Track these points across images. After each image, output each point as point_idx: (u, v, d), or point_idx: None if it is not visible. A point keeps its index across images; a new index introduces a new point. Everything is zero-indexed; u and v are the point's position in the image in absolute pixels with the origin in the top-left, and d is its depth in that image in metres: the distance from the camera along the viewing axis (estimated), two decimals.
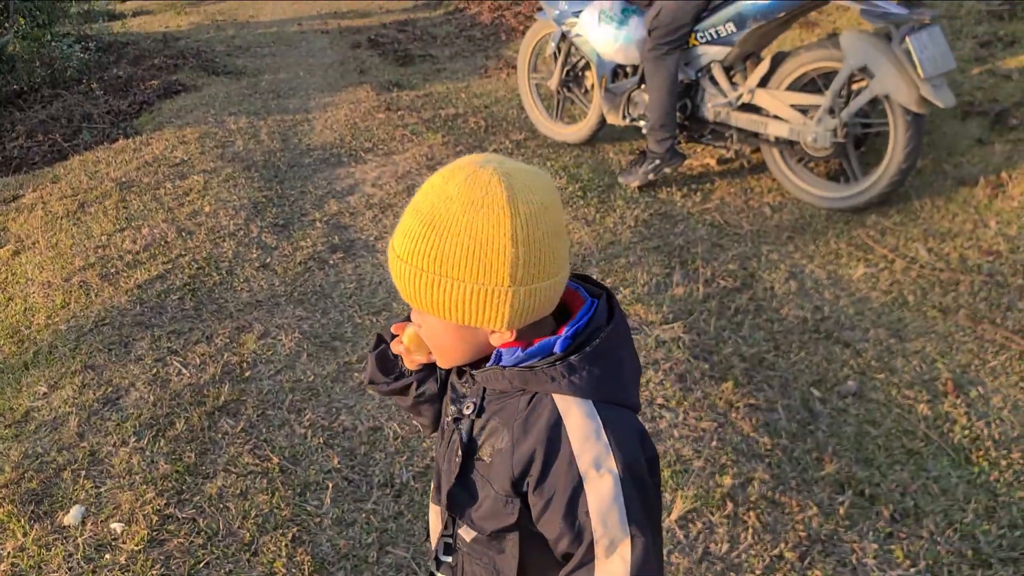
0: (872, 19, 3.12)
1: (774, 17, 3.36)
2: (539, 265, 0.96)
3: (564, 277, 1.02)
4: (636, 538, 0.99)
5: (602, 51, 3.91)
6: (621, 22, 3.79)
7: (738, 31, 3.46)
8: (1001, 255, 3.07)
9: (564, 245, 1.01)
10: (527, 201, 0.94)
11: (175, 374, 2.76)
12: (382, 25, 8.03)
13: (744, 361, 2.67)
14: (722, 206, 3.67)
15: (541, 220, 0.95)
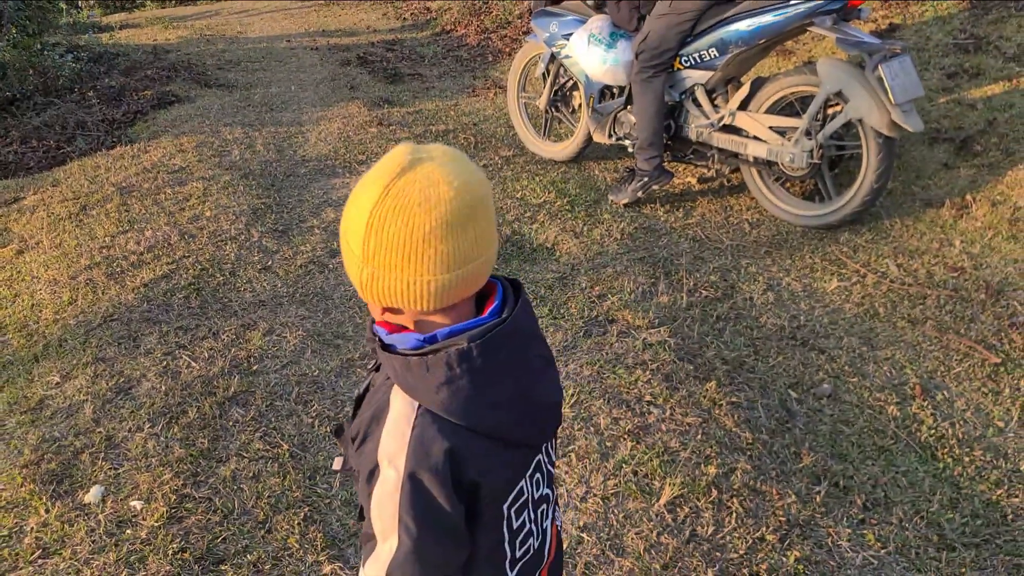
0: (847, 48, 3.33)
1: (755, 44, 3.56)
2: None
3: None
4: (402, 538, 1.01)
5: (590, 72, 4.09)
6: (609, 45, 3.98)
7: (720, 56, 3.66)
8: (965, 271, 3.27)
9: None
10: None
11: (185, 367, 2.87)
12: (370, 44, 8.21)
13: (726, 364, 2.84)
14: (703, 222, 3.86)
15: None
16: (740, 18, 3.52)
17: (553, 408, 1.14)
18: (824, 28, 3.33)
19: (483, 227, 1.02)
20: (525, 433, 1.11)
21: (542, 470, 1.18)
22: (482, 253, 1.03)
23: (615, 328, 3.04)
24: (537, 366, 1.11)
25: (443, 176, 0.99)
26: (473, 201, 1.00)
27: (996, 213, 3.51)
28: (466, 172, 1.02)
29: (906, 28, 5.09)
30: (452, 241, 0.99)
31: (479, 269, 1.04)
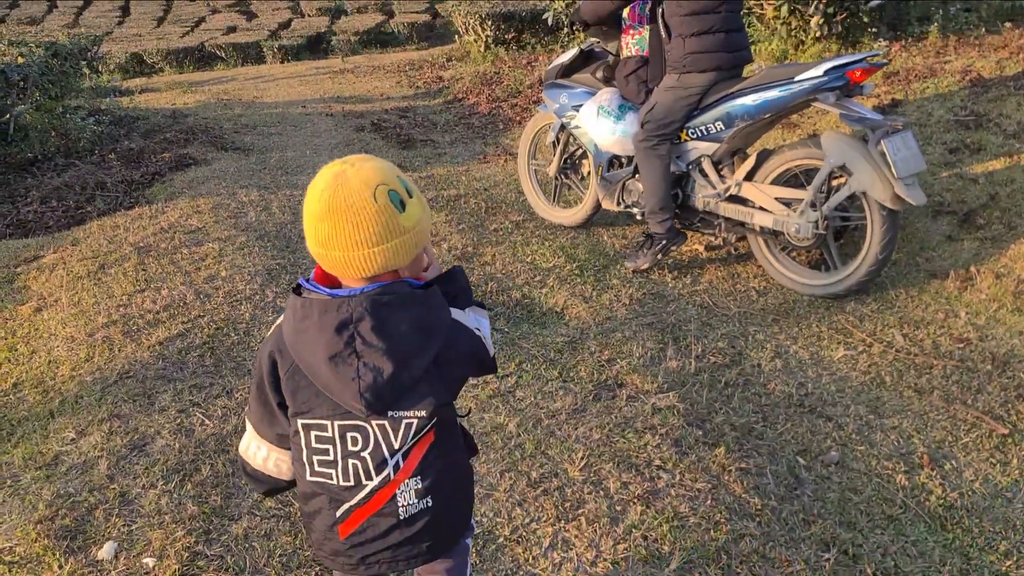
0: (851, 123, 3.43)
1: (760, 118, 3.67)
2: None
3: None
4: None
5: (599, 142, 4.21)
6: (618, 117, 4.11)
7: (726, 129, 3.77)
8: (971, 343, 3.31)
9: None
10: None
11: (199, 424, 2.91)
12: (384, 111, 8.42)
13: (735, 430, 2.87)
14: (711, 289, 3.92)
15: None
16: (746, 93, 3.64)
17: (350, 390, 1.40)
18: (828, 104, 3.44)
19: (343, 233, 1.36)
20: (326, 388, 1.43)
21: (363, 436, 1.46)
22: (335, 249, 1.37)
23: (624, 392, 3.07)
24: (356, 348, 1.39)
25: (324, 178, 1.38)
26: (334, 207, 1.35)
27: (1000, 286, 3.56)
28: (349, 189, 1.35)
29: (908, 104, 5.23)
30: (312, 222, 1.39)
31: (332, 258, 1.39)
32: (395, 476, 1.48)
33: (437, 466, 1.51)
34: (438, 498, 1.53)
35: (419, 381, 1.43)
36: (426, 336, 1.42)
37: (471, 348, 1.52)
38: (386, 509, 1.49)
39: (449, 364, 1.47)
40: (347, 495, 1.49)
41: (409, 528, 1.51)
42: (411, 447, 1.48)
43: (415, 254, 1.44)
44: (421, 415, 1.45)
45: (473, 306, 1.63)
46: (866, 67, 3.39)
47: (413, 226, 1.40)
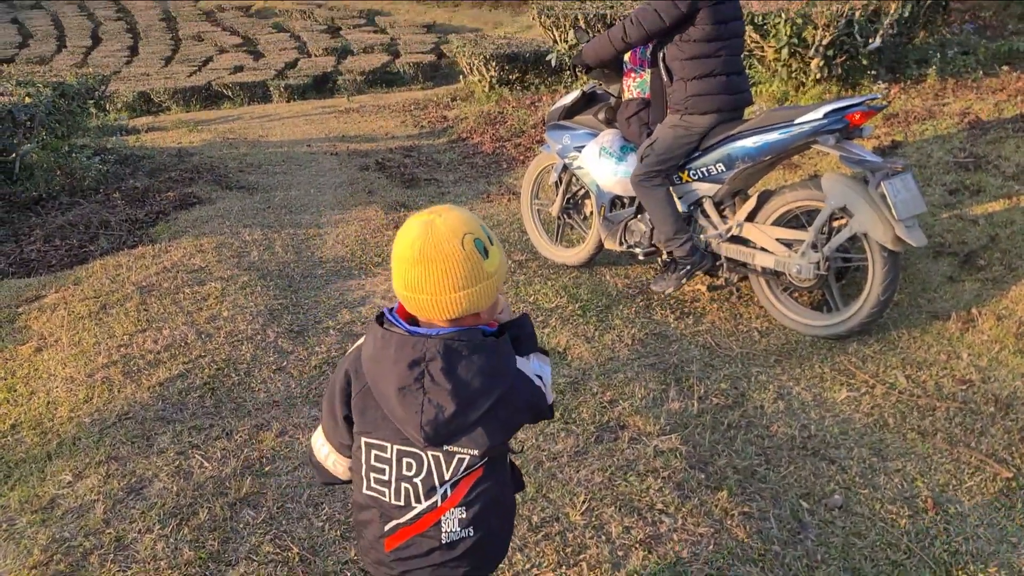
0: (851, 165, 3.45)
1: (760, 160, 3.69)
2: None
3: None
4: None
5: (602, 183, 4.24)
6: (620, 158, 4.14)
7: (727, 171, 3.79)
8: (974, 384, 3.29)
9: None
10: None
11: (197, 467, 2.89)
12: (388, 150, 8.48)
13: (737, 473, 2.84)
14: (713, 329, 3.91)
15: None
16: (746, 135, 3.66)
17: (412, 422, 1.53)
18: (828, 147, 3.46)
19: (432, 278, 1.49)
20: (392, 415, 1.56)
21: (418, 463, 1.59)
22: (424, 292, 1.51)
23: (626, 434, 3.05)
24: (424, 385, 1.51)
25: (415, 226, 1.52)
26: (427, 255, 1.49)
27: (1002, 327, 3.55)
28: (440, 239, 1.49)
29: (908, 145, 5.26)
30: (401, 267, 1.52)
31: (419, 301, 1.52)
32: (442, 504, 1.61)
33: (482, 499, 1.62)
34: (479, 528, 1.64)
35: (476, 423, 1.55)
36: (490, 383, 1.54)
37: (529, 398, 1.62)
38: (430, 532, 1.62)
39: (507, 410, 1.58)
40: (396, 513, 1.62)
41: (450, 552, 1.63)
42: (460, 479, 1.60)
43: (496, 296, 1.60)
44: (473, 453, 1.57)
45: (536, 352, 1.72)
46: (865, 110, 3.42)
47: (495, 272, 1.55)
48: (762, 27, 6.40)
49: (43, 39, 27.05)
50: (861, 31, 6.07)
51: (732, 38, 3.73)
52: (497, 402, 1.55)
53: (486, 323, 1.61)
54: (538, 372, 1.68)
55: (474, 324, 1.58)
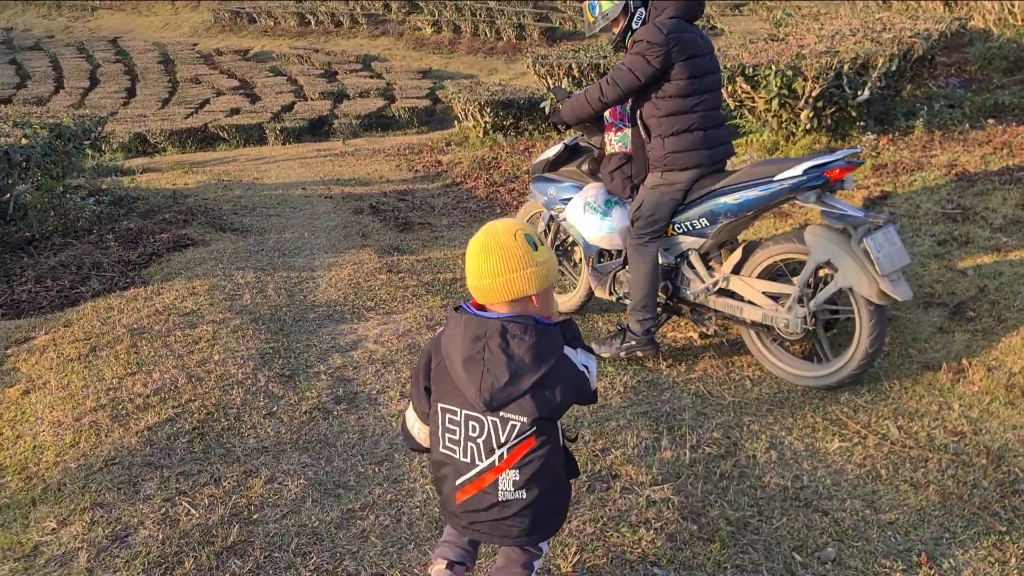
0: (832, 220, 3.47)
1: (743, 215, 3.72)
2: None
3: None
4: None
5: (587, 238, 4.22)
6: (604, 213, 4.12)
7: (711, 225, 3.81)
8: (966, 436, 3.29)
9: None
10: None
11: (184, 514, 2.85)
12: (383, 194, 8.54)
13: (730, 524, 2.82)
14: (705, 377, 3.91)
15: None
16: (728, 191, 3.69)
17: (473, 388, 1.90)
18: (809, 203, 3.50)
19: (492, 263, 1.90)
20: (459, 384, 1.94)
21: (480, 425, 1.95)
22: (486, 277, 1.92)
23: (618, 484, 3.03)
24: (484, 357, 1.88)
25: (480, 230, 1.96)
26: (487, 245, 1.92)
27: (992, 378, 3.56)
28: (498, 232, 1.93)
29: (897, 196, 5.33)
30: (471, 260, 1.95)
31: (484, 285, 1.93)
32: (499, 464, 1.96)
33: (533, 467, 1.96)
34: (531, 492, 1.97)
35: (525, 393, 1.89)
36: (538, 359, 1.89)
37: (572, 378, 1.95)
38: (489, 489, 1.98)
39: (552, 386, 1.91)
40: (465, 469, 1.99)
41: (505, 509, 1.99)
42: (514, 445, 1.94)
43: (545, 286, 1.95)
44: (523, 420, 1.91)
45: (583, 348, 2.04)
46: (844, 165, 3.44)
47: (544, 261, 1.93)
48: (753, 78, 6.51)
49: (41, 80, 27.29)
50: (850, 83, 6.19)
51: (709, 92, 3.75)
52: (544, 376, 1.89)
53: (541, 315, 1.96)
54: (585, 363, 2.00)
55: (527, 311, 1.94)
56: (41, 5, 40.52)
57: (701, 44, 3.73)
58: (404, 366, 4.00)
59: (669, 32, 3.62)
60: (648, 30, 3.64)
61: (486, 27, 27.94)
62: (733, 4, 23.01)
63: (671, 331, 4.39)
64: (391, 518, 2.86)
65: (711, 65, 3.76)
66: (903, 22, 7.40)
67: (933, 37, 6.90)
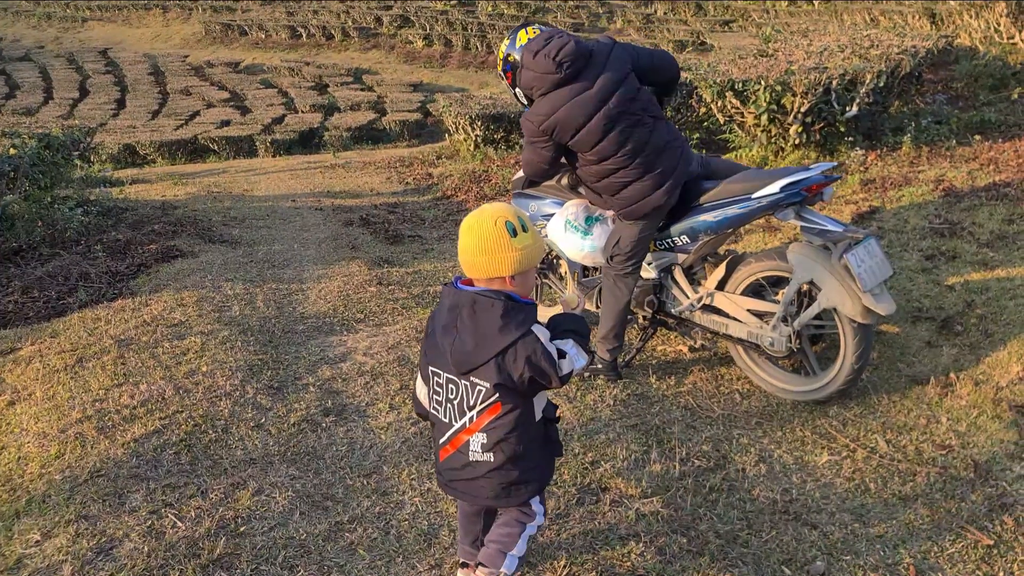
0: (811, 236, 3.47)
1: (723, 232, 3.72)
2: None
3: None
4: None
5: (570, 255, 4.15)
6: (585, 232, 4.02)
7: (692, 243, 3.80)
8: (953, 449, 3.30)
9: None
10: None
11: (170, 526, 2.82)
12: (373, 206, 8.53)
13: (719, 537, 2.82)
14: (695, 390, 3.91)
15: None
16: (707, 209, 3.67)
17: (447, 352, 2.13)
18: (787, 220, 3.51)
19: (472, 243, 2.10)
20: (439, 347, 2.18)
21: (456, 388, 2.17)
22: (467, 254, 2.12)
23: (608, 497, 3.02)
24: (456, 325, 2.11)
25: (477, 210, 2.15)
26: (470, 225, 2.12)
27: (980, 392, 3.58)
28: (483, 216, 2.11)
29: (885, 211, 5.36)
30: (460, 236, 2.15)
31: (464, 261, 2.14)
32: (469, 426, 2.17)
33: (499, 433, 2.15)
34: (497, 457, 2.17)
35: (488, 361, 2.07)
36: (503, 331, 2.06)
37: (533, 356, 2.06)
38: (463, 448, 2.20)
39: (513, 357, 2.07)
40: (445, 429, 2.22)
41: (474, 470, 2.20)
42: (482, 409, 2.14)
43: (520, 270, 2.12)
44: (486, 386, 2.11)
45: (575, 340, 2.19)
46: (822, 181, 3.45)
47: (522, 247, 2.10)
48: (742, 94, 6.56)
49: (30, 90, 27.21)
50: (838, 99, 6.24)
51: (630, 135, 3.49)
52: (507, 348, 2.05)
53: (518, 293, 2.14)
54: (565, 349, 2.14)
55: (503, 288, 2.12)
56: (31, 16, 40.44)
57: (587, 106, 3.42)
58: (393, 378, 3.99)
59: (541, 123, 3.47)
60: (524, 122, 3.55)
61: (477, 41, 28.06)
62: (722, 20, 23.21)
63: (660, 344, 4.39)
64: (379, 531, 2.85)
65: (611, 115, 3.43)
66: (891, 39, 7.47)
67: (920, 54, 6.96)
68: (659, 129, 3.59)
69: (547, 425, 2.32)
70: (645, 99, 3.59)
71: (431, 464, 3.25)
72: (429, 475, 3.18)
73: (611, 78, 3.45)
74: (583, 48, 3.46)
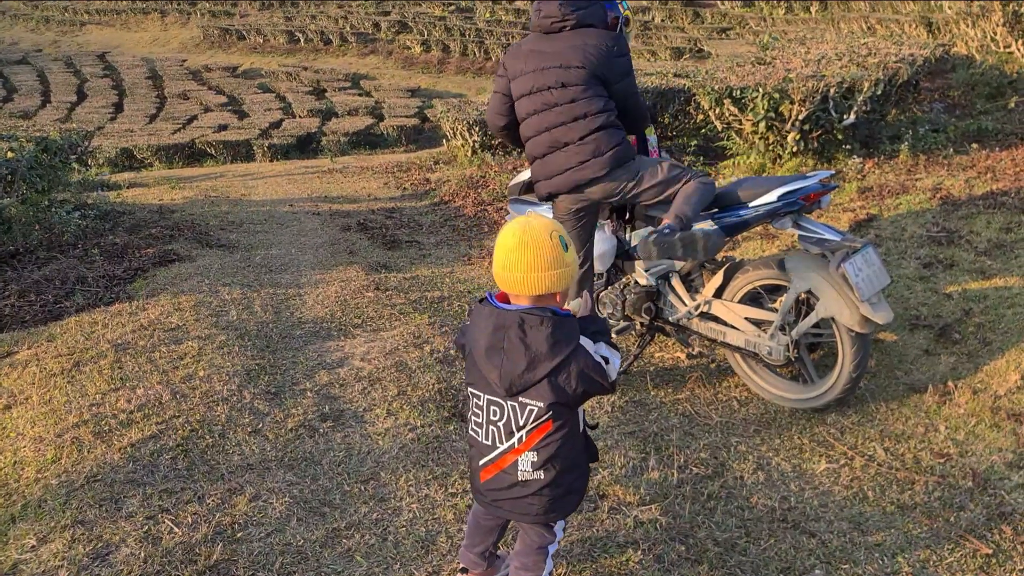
0: (809, 245, 3.48)
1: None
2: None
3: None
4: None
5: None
6: None
7: None
8: (952, 458, 3.30)
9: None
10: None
11: (167, 532, 2.81)
12: (371, 211, 8.53)
13: (718, 545, 2.81)
14: (693, 397, 3.91)
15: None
16: (704, 217, 3.69)
17: (495, 374, 2.06)
18: (785, 229, 3.52)
19: (526, 259, 2.01)
20: (482, 370, 2.09)
21: (501, 409, 2.10)
22: (518, 271, 2.02)
23: (606, 504, 3.02)
24: (504, 346, 2.03)
25: (515, 224, 2.06)
26: (524, 241, 2.01)
27: (978, 401, 3.58)
28: (535, 230, 2.03)
29: (882, 219, 5.37)
30: (504, 254, 2.04)
31: (514, 279, 2.03)
32: (518, 446, 2.10)
33: (551, 449, 2.10)
34: (548, 473, 2.12)
35: (542, 380, 2.02)
36: (554, 349, 2.01)
37: (584, 368, 2.03)
38: (510, 469, 2.14)
39: (567, 374, 2.02)
40: (486, 451, 2.16)
41: (525, 488, 2.14)
42: (532, 428, 2.08)
43: (569, 285, 2.07)
44: (539, 405, 2.05)
45: (606, 342, 2.15)
46: (819, 190, 3.47)
47: (571, 263, 2.06)
48: (740, 101, 6.57)
49: (28, 94, 27.18)
50: (836, 107, 6.25)
51: (549, 109, 3.55)
52: (560, 364, 2.01)
53: (560, 307, 2.08)
54: (605, 355, 2.11)
55: (547, 303, 2.06)
56: (29, 19, 40.44)
57: (531, 59, 3.57)
58: (391, 384, 3.98)
59: (508, 51, 3.69)
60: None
61: (475, 47, 28.09)
62: (720, 28, 23.27)
63: (658, 351, 4.39)
64: (377, 537, 2.84)
65: (545, 79, 3.53)
66: (888, 47, 7.49)
67: (917, 62, 6.99)
68: (574, 128, 3.55)
69: (585, 433, 2.32)
70: (582, 96, 3.53)
71: (428, 470, 3.25)
72: (426, 481, 3.17)
73: (566, 57, 3.51)
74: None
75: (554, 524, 2.29)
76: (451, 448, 3.42)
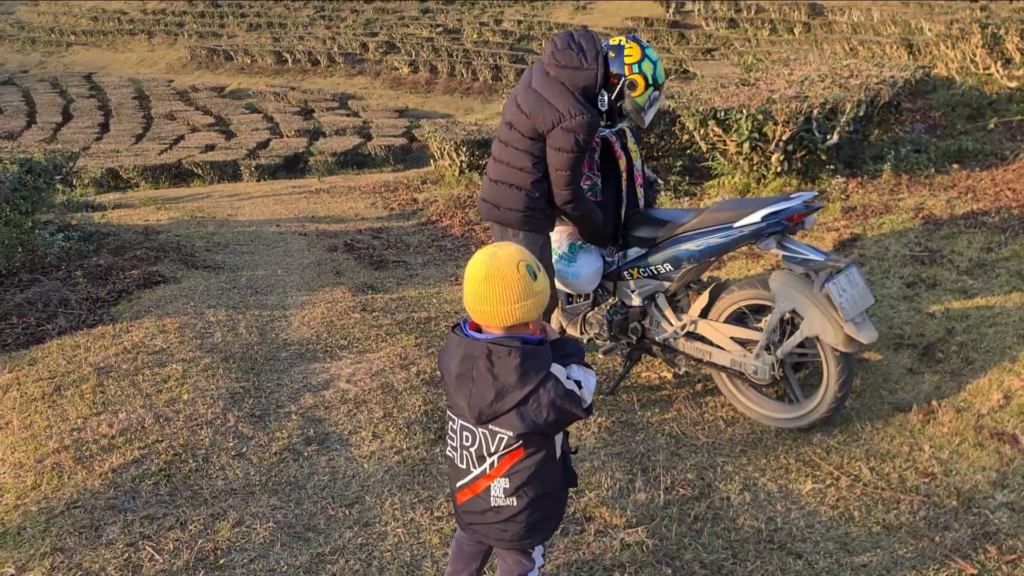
0: (793, 265, 3.50)
1: (705, 260, 3.75)
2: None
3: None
4: None
5: (555, 282, 4.17)
6: (570, 260, 4.03)
7: (675, 270, 3.82)
8: (936, 477, 3.31)
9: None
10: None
11: (147, 559, 2.78)
12: (358, 231, 8.52)
13: (704, 568, 2.80)
14: (679, 417, 3.90)
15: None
16: (690, 237, 3.71)
17: (464, 403, 2.04)
18: (769, 249, 3.54)
19: (495, 293, 1.97)
20: (453, 397, 2.10)
21: (472, 436, 2.08)
22: (487, 304, 1.99)
23: (592, 527, 3.01)
24: (473, 376, 2.00)
25: (482, 255, 2.02)
26: (490, 275, 1.97)
27: (961, 420, 3.60)
28: (501, 263, 1.98)
29: (866, 239, 5.41)
30: (472, 287, 2.01)
31: (483, 312, 2.01)
32: (490, 472, 2.09)
33: (522, 476, 2.07)
34: (521, 500, 2.09)
35: (511, 410, 1.99)
36: (522, 380, 1.97)
37: (557, 398, 1.98)
38: (483, 494, 2.12)
39: (536, 404, 1.98)
40: (461, 475, 2.15)
41: (498, 514, 2.12)
42: (504, 455, 2.06)
43: (540, 313, 2.05)
44: (509, 434, 2.03)
45: (579, 364, 2.11)
46: (803, 211, 3.49)
47: (541, 291, 2.02)
48: (724, 122, 6.62)
49: (13, 115, 27.10)
50: (819, 128, 6.31)
51: (499, 140, 3.80)
52: (528, 395, 1.97)
53: (531, 333, 2.05)
54: (577, 377, 2.06)
55: (518, 332, 2.03)
56: (15, 40, 40.40)
57: (521, 83, 3.77)
58: (377, 406, 3.96)
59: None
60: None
61: (463, 67, 28.24)
62: (705, 49, 23.49)
63: (645, 371, 4.39)
64: (361, 563, 2.81)
65: (511, 112, 3.71)
66: (869, 69, 7.57)
67: (899, 84, 7.06)
68: (499, 165, 3.79)
69: (565, 458, 2.28)
70: (517, 145, 3.67)
71: (414, 494, 3.23)
72: (412, 505, 3.15)
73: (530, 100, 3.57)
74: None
75: (532, 550, 2.25)
76: (437, 471, 3.41)
